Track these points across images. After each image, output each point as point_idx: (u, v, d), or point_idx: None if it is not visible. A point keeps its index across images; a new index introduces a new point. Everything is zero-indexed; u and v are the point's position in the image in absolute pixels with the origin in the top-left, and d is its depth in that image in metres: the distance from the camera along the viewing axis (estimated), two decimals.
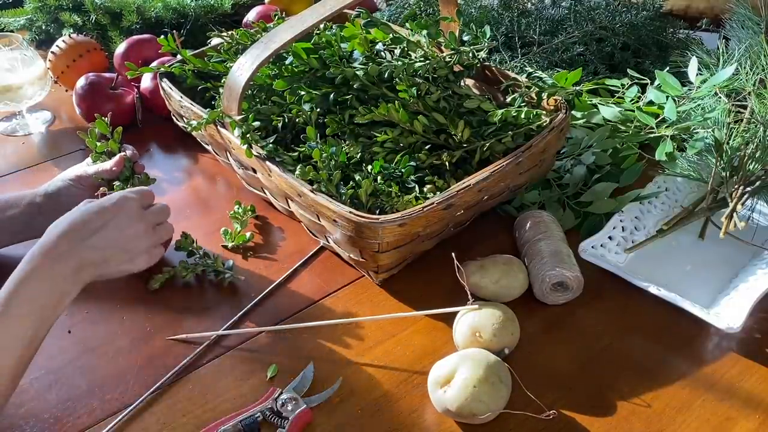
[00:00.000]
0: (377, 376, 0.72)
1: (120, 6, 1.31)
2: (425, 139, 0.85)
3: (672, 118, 0.89)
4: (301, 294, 0.82)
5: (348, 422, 0.67)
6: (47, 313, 0.64)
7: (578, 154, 0.96)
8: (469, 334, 0.71)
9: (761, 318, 0.77)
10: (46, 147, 1.12)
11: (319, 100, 0.87)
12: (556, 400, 0.69)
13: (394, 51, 0.91)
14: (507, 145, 0.84)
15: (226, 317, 0.78)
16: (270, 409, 0.67)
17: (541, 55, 1.15)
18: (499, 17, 1.22)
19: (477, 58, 0.91)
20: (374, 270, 0.80)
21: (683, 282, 0.81)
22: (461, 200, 0.77)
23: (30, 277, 0.63)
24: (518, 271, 0.79)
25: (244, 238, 0.89)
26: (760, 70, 0.91)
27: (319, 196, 0.75)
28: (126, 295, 0.82)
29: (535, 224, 0.83)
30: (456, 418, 0.67)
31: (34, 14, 1.37)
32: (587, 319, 0.78)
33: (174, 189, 1.01)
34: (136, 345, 0.76)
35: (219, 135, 0.88)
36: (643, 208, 0.89)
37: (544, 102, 0.90)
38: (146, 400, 0.69)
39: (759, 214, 0.88)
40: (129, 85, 1.14)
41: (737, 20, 1.01)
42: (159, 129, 1.13)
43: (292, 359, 0.73)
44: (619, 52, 1.16)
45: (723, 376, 0.72)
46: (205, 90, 1.00)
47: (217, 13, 1.36)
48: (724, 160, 0.82)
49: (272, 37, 0.80)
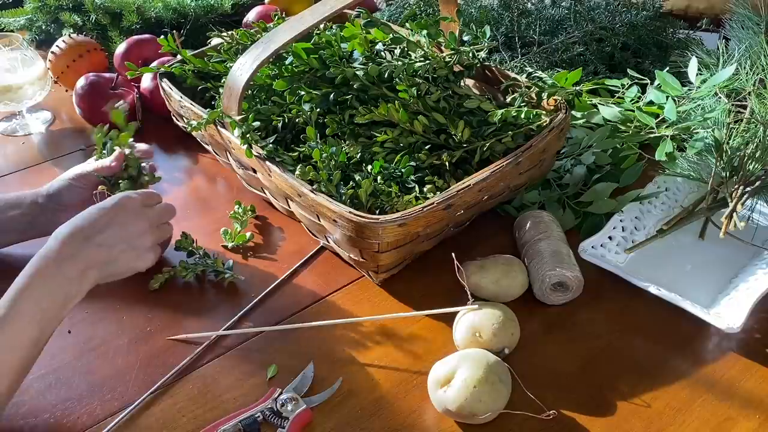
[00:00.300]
0: (377, 376, 0.72)
1: (120, 6, 1.31)
2: (425, 139, 0.85)
3: (672, 118, 0.89)
4: (301, 294, 0.82)
5: (348, 422, 0.67)
6: (52, 315, 0.64)
7: (578, 154, 0.96)
8: (469, 334, 0.71)
9: (761, 318, 0.77)
10: (46, 147, 1.12)
11: (319, 100, 0.87)
12: (556, 400, 0.69)
13: (394, 51, 0.91)
14: (507, 145, 0.84)
15: (226, 317, 0.78)
16: (270, 409, 0.67)
17: (541, 55, 1.14)
18: (499, 17, 1.22)
19: (477, 58, 0.91)
20: (374, 270, 0.80)
21: (683, 282, 0.81)
22: (461, 200, 0.77)
23: (35, 280, 0.64)
24: (518, 271, 0.79)
25: (244, 238, 0.89)
26: (760, 70, 0.91)
27: (319, 196, 0.75)
28: (126, 295, 0.82)
29: (535, 224, 0.83)
30: (456, 418, 0.67)
31: (34, 14, 1.37)
32: (587, 319, 0.78)
33: (174, 189, 1.01)
34: (136, 345, 0.76)
35: (219, 135, 0.88)
36: (643, 208, 0.89)
37: (544, 102, 0.90)
38: (146, 400, 0.69)
39: (759, 214, 0.88)
40: (129, 85, 1.14)
41: (737, 20, 1.01)
42: (159, 129, 1.13)
43: (292, 359, 0.73)
44: (619, 52, 1.16)
45: (723, 376, 0.72)
46: (205, 90, 1.00)
47: (217, 13, 1.36)
48: (724, 160, 0.82)
49: (272, 37, 0.80)
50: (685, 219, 0.84)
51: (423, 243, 0.81)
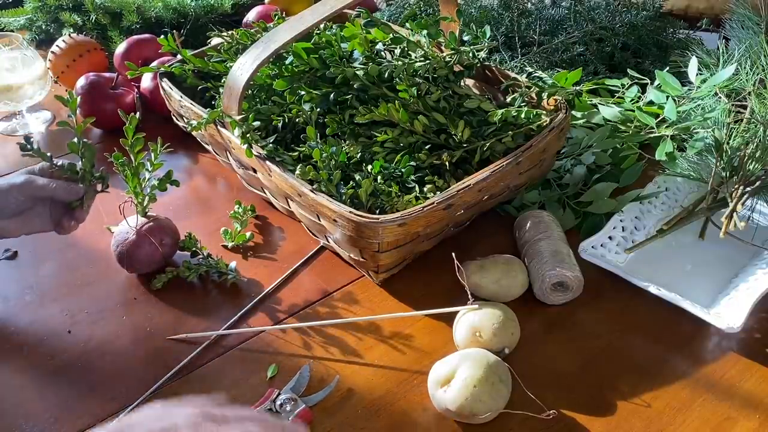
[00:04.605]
0: (377, 375, 0.72)
1: (120, 6, 1.31)
2: (425, 139, 0.85)
3: (672, 118, 0.89)
4: (301, 294, 0.82)
5: (348, 422, 0.68)
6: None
7: (578, 154, 0.96)
8: (469, 334, 0.71)
9: (761, 318, 0.77)
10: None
11: (319, 100, 0.87)
12: (556, 400, 0.69)
13: (394, 51, 0.91)
14: (507, 145, 0.84)
15: (226, 317, 0.78)
16: (269, 410, 0.67)
17: (541, 55, 1.15)
18: (499, 17, 1.22)
19: (477, 58, 0.91)
20: (374, 270, 0.80)
21: (683, 282, 0.81)
22: (461, 200, 0.77)
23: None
24: (518, 271, 0.79)
25: (244, 238, 0.89)
26: (760, 70, 0.91)
27: (319, 196, 0.75)
28: (126, 295, 0.82)
29: (535, 224, 0.83)
30: (456, 418, 0.67)
31: (34, 14, 1.37)
32: (587, 319, 0.78)
33: (174, 189, 1.01)
34: (136, 345, 0.76)
35: (219, 135, 0.88)
36: (643, 208, 0.89)
37: (544, 102, 0.90)
38: (146, 400, 0.69)
39: (759, 214, 0.88)
40: (129, 85, 1.14)
41: (737, 20, 1.01)
42: (159, 129, 1.12)
43: (292, 359, 0.73)
44: (619, 52, 1.16)
45: (723, 376, 0.72)
46: (205, 90, 1.00)
47: (217, 13, 1.36)
48: (724, 160, 0.82)
49: (272, 37, 0.80)
50: (685, 219, 0.84)
51: (423, 243, 0.81)
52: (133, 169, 0.81)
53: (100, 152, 0.91)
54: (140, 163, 0.81)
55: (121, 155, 0.81)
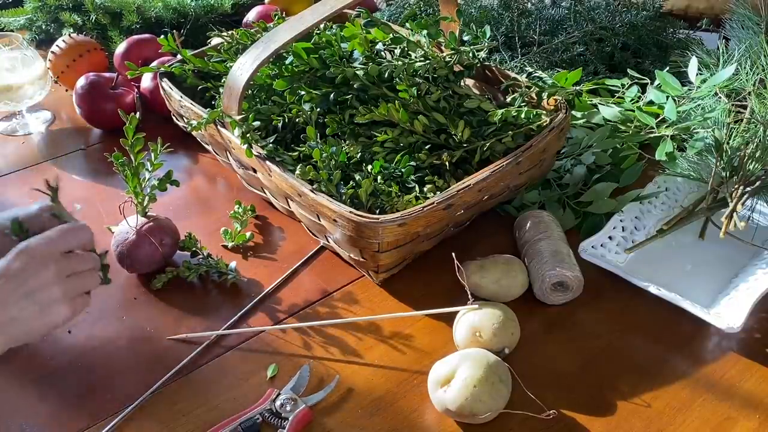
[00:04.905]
0: (377, 375, 0.72)
1: (120, 6, 1.31)
2: (425, 139, 0.85)
3: (672, 118, 0.89)
4: (301, 294, 0.82)
5: (348, 422, 0.67)
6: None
7: (578, 154, 0.96)
8: (469, 334, 0.71)
9: (761, 318, 0.77)
10: (46, 147, 1.12)
11: (319, 100, 0.87)
12: (556, 400, 0.69)
13: (394, 51, 0.91)
14: (507, 145, 0.84)
15: (226, 317, 0.78)
16: (269, 410, 0.67)
17: (541, 55, 1.14)
18: (499, 17, 1.22)
19: (477, 58, 0.91)
20: (374, 270, 0.80)
21: (683, 282, 0.81)
22: (461, 200, 0.77)
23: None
24: (518, 271, 0.79)
25: (244, 238, 0.89)
26: (760, 70, 0.91)
27: (319, 196, 0.75)
28: (126, 295, 0.82)
29: (535, 224, 0.83)
30: (456, 418, 0.67)
31: (34, 14, 1.37)
32: (587, 319, 0.78)
33: (174, 189, 1.00)
34: (136, 345, 0.76)
35: (219, 135, 0.88)
36: (643, 208, 0.89)
37: (544, 102, 0.90)
38: (146, 400, 0.69)
39: (759, 214, 0.88)
40: (129, 85, 1.14)
41: (737, 20, 1.01)
42: (159, 129, 1.12)
43: (292, 359, 0.73)
44: (619, 52, 1.16)
45: (723, 376, 0.72)
46: (205, 90, 1.00)
47: (217, 13, 1.36)
48: (724, 160, 0.82)
49: (272, 37, 0.80)
50: (685, 219, 0.84)
51: (423, 243, 0.81)
52: (133, 169, 0.81)
53: (101, 152, 0.91)
54: (140, 163, 0.81)
55: (121, 155, 0.81)
